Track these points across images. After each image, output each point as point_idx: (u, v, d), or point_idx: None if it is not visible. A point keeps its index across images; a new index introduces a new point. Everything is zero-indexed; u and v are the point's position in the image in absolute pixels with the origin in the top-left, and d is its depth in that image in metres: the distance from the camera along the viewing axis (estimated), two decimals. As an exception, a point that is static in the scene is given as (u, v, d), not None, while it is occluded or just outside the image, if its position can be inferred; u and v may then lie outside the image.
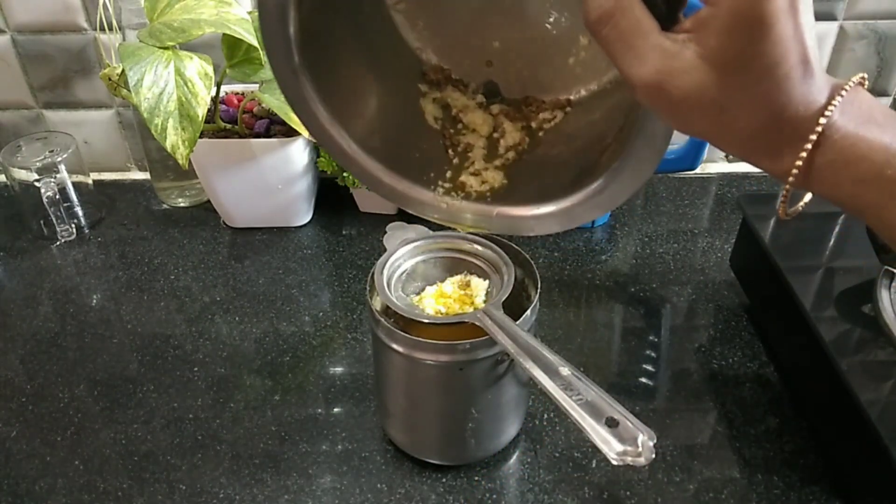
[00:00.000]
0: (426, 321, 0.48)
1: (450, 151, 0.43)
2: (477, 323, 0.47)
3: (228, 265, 0.76)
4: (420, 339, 0.47)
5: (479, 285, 0.52)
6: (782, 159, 0.27)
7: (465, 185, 0.42)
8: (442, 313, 0.51)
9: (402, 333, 0.48)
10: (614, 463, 0.39)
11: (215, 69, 0.64)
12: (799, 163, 0.27)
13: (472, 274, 0.53)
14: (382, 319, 0.48)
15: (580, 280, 0.73)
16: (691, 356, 0.64)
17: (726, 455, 0.55)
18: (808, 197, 0.30)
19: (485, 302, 0.51)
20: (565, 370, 0.43)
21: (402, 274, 0.53)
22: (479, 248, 0.53)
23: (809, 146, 0.26)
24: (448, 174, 0.43)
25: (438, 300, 0.52)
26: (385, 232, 0.57)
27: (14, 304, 0.71)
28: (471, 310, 0.50)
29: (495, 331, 0.46)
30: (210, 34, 0.63)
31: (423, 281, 0.54)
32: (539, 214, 0.41)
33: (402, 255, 0.53)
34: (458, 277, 0.54)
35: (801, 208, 0.30)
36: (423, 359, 0.48)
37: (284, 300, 0.71)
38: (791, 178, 0.27)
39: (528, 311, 0.49)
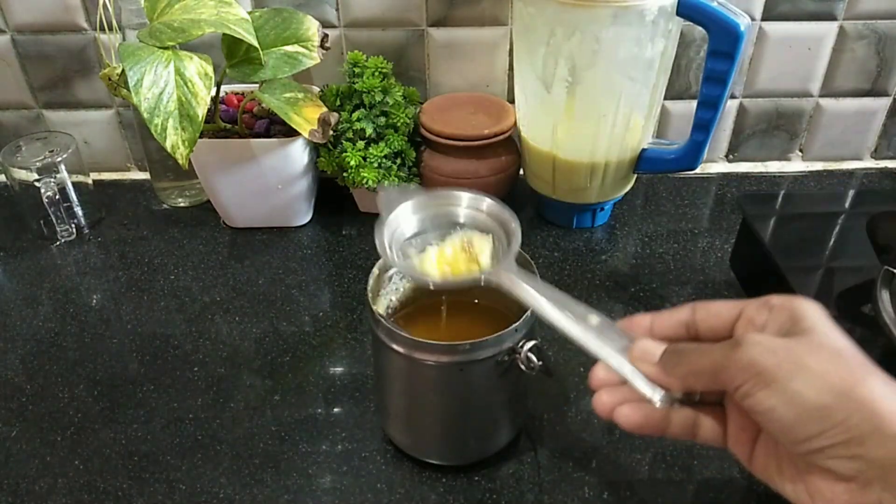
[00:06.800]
0: (438, 282, 0.46)
1: None
2: (493, 280, 0.44)
3: (228, 265, 0.76)
4: (420, 339, 0.47)
5: (483, 243, 0.49)
6: None
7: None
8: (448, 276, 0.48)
9: (402, 333, 0.48)
10: (658, 406, 0.37)
11: (215, 69, 0.64)
12: None
13: (473, 232, 0.50)
14: (382, 319, 0.48)
15: (580, 280, 0.73)
16: (691, 356, 0.64)
17: (726, 455, 0.55)
18: None
19: (491, 260, 0.48)
20: (595, 318, 0.40)
21: (401, 238, 0.49)
22: (483, 205, 0.50)
23: None
24: None
25: (441, 264, 0.49)
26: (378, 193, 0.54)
27: (14, 304, 0.71)
28: (476, 269, 0.47)
29: (515, 284, 0.43)
30: (210, 34, 0.63)
31: (423, 243, 0.50)
32: None
33: (400, 216, 0.49)
34: (458, 235, 0.50)
35: None
36: (423, 359, 0.48)
37: (284, 300, 0.71)
38: None
39: (529, 312, 0.49)
